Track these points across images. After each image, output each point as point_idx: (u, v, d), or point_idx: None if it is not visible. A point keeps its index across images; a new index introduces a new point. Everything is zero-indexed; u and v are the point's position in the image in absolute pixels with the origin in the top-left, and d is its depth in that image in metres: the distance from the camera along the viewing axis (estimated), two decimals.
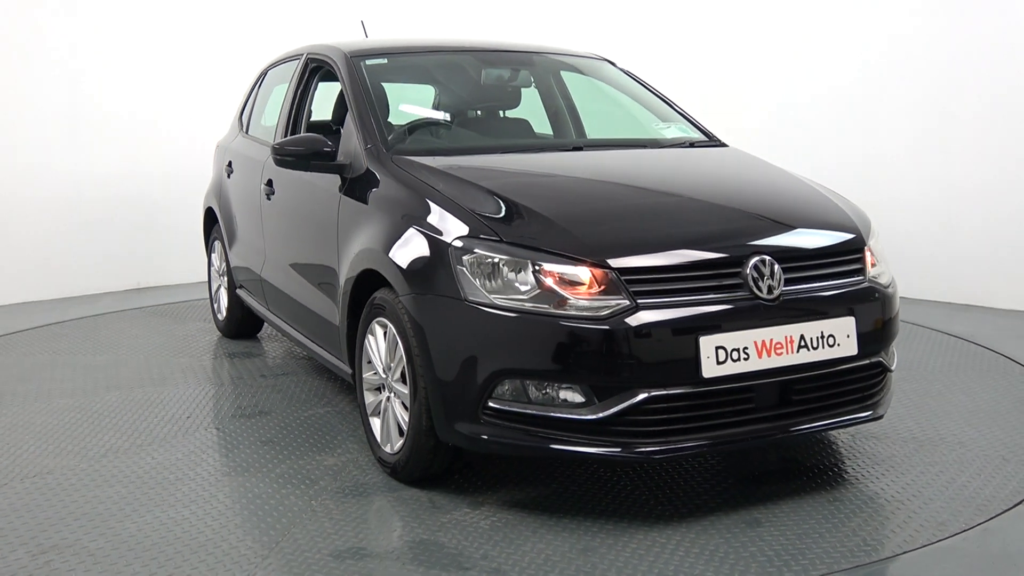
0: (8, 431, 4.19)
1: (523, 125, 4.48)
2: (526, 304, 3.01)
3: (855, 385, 3.31)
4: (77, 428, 4.21)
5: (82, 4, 7.38)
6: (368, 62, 4.37)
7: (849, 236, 3.42)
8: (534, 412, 3.04)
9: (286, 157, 3.95)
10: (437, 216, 3.31)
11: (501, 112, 4.60)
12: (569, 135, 4.74)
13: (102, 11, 7.47)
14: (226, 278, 5.77)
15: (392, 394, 3.48)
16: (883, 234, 6.86)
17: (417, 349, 3.23)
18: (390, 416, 3.50)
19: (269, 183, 4.77)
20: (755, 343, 3.04)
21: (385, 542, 3.02)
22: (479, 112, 4.55)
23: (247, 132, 5.63)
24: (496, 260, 3.07)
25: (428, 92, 4.67)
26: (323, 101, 4.89)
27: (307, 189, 4.29)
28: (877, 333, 3.34)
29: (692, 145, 4.30)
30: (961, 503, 3.24)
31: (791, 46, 7.54)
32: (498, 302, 3.03)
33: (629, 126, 4.59)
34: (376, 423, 3.62)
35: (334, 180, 3.98)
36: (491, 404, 3.07)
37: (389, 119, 4.13)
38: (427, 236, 3.28)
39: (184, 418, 4.33)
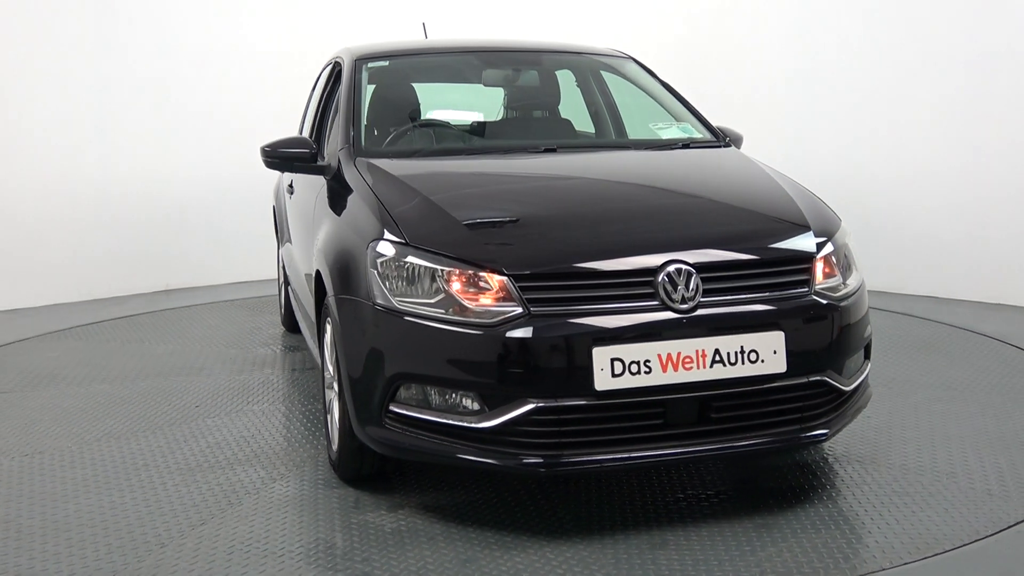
0: (37, 411, 4.53)
1: (524, 125, 4.41)
2: (425, 309, 2.99)
3: (789, 405, 3.07)
4: (93, 412, 4.49)
5: (111, 7, 7.41)
6: (370, 65, 4.43)
7: (793, 247, 3.19)
8: (433, 418, 3.01)
9: (271, 159, 4.06)
10: (363, 218, 3.34)
11: (502, 113, 4.56)
12: (608, 134, 4.62)
13: (131, 12, 7.51)
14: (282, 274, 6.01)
15: (334, 393, 3.53)
16: (912, 233, 6.95)
17: (339, 350, 3.27)
18: (333, 414, 3.55)
19: (291, 184, 4.92)
20: (659, 356, 2.89)
21: (283, 538, 3.07)
22: (480, 113, 4.52)
23: (300, 133, 5.82)
24: (404, 264, 3.06)
25: (442, 93, 4.68)
26: None
27: (305, 190, 4.41)
28: (820, 350, 3.10)
29: (687, 146, 4.11)
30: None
31: (823, 45, 7.36)
32: (400, 306, 3.03)
33: (626, 126, 4.43)
34: (329, 420, 3.69)
35: (320, 181, 4.07)
36: (392, 408, 3.06)
37: (377, 121, 4.17)
38: (353, 238, 3.32)
39: (191, 407, 4.54)
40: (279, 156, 4.04)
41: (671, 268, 2.97)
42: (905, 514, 3.15)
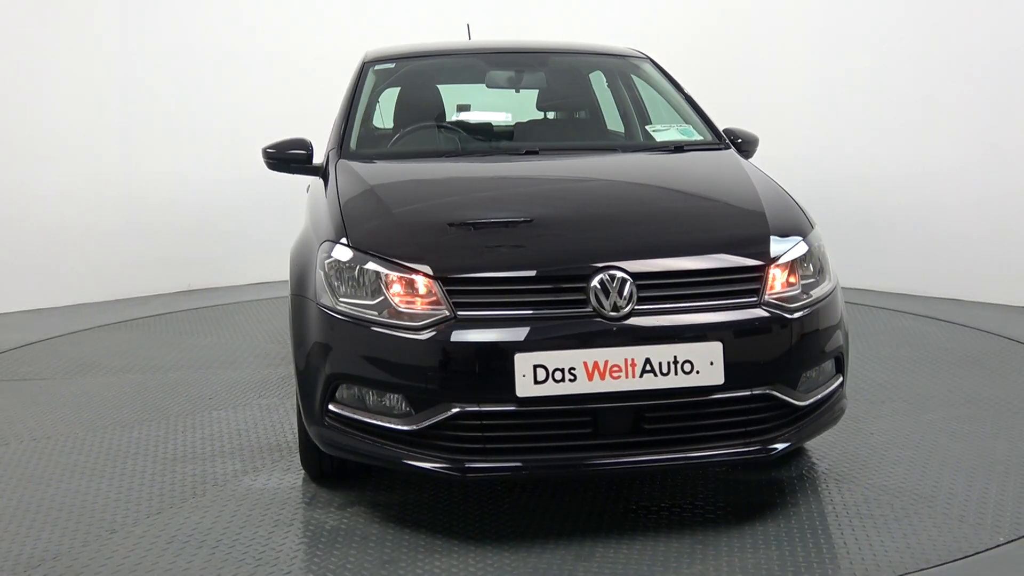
0: (65, 397, 4.78)
1: (528, 128, 4.38)
2: (362, 311, 3.02)
3: (732, 418, 2.96)
4: (114, 401, 4.71)
5: (135, 9, 7.50)
6: (377, 67, 4.49)
7: (742, 256, 3.07)
8: (366, 419, 3.04)
9: (270, 159, 4.15)
10: (322, 219, 3.40)
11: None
12: (636, 136, 4.55)
13: (155, 16, 7.59)
14: None
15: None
16: (934, 233, 6.80)
17: (292, 347, 3.33)
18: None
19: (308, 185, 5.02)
20: (585, 364, 2.83)
21: (225, 531, 3.16)
22: (479, 115, 4.52)
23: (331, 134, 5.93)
24: (346, 265, 3.10)
25: (455, 95, 4.70)
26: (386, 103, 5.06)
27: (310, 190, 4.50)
28: (765, 362, 2.98)
29: (679, 149, 4.00)
30: None
31: (845, 43, 7.28)
32: (340, 307, 3.07)
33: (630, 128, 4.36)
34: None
35: (317, 181, 4.15)
36: (331, 408, 3.10)
37: (376, 122, 4.23)
38: (311, 238, 3.39)
39: (205, 398, 4.70)
40: (276, 157, 4.13)
41: (605, 275, 2.91)
42: (858, 537, 3.01)
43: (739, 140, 4.19)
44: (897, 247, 7.02)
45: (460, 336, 2.86)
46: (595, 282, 2.90)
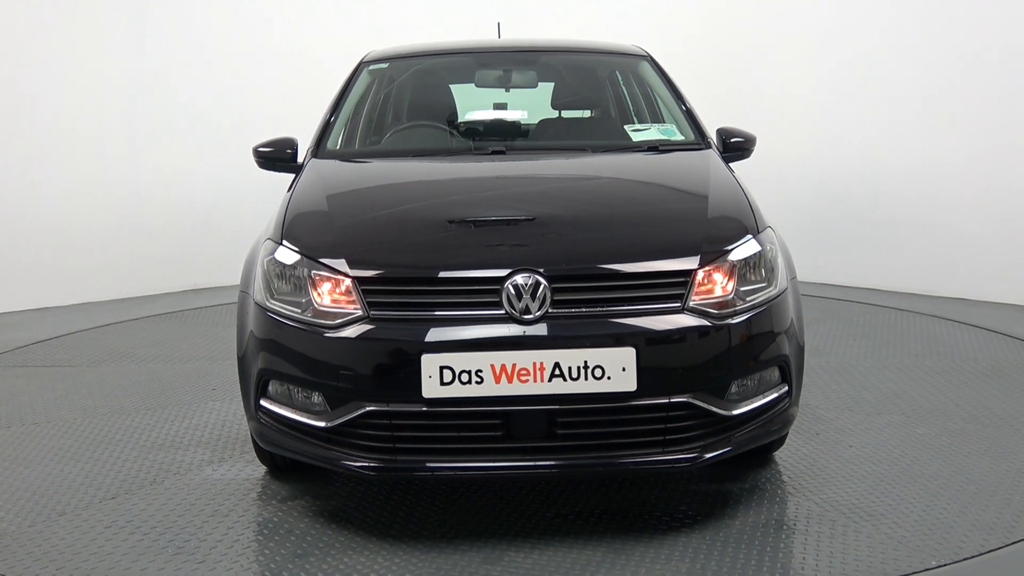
0: (83, 384, 5.04)
1: (501, 126, 4.39)
2: (288, 308, 3.09)
3: (648, 426, 2.91)
4: (125, 388, 4.94)
5: (140, 11, 7.53)
6: (372, 67, 4.55)
7: (667, 260, 3.02)
8: (289, 415, 3.11)
9: (259, 158, 4.25)
10: (273, 217, 3.46)
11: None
12: (617, 136, 4.50)
13: (160, 16, 7.61)
14: None
15: None
16: (941, 231, 6.71)
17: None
18: None
19: None
20: (492, 366, 2.83)
21: (161, 520, 3.29)
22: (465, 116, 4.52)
23: None
24: (279, 263, 3.19)
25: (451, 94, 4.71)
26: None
27: None
28: (684, 369, 2.92)
29: (654, 149, 3.93)
30: None
31: (851, 37, 7.19)
32: (270, 304, 3.15)
33: (599, 128, 4.30)
34: None
35: None
36: (262, 403, 3.18)
37: (362, 122, 4.29)
38: (262, 236, 3.45)
39: (209, 389, 4.85)
40: (265, 156, 4.22)
41: (518, 278, 2.90)
42: (777, 554, 2.94)
43: (733, 139, 4.09)
44: (903, 244, 6.93)
45: (370, 335, 2.91)
46: (508, 284, 2.90)
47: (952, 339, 5.58)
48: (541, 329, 2.87)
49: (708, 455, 2.98)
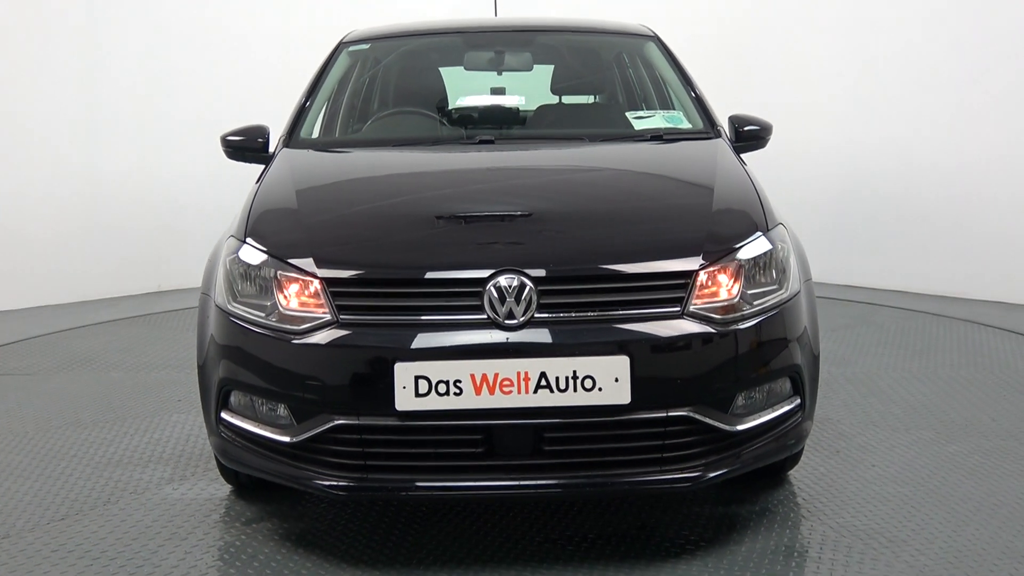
0: (38, 395, 4.99)
1: (494, 113, 4.36)
2: (251, 312, 3.03)
3: (643, 443, 2.87)
4: (83, 399, 4.89)
5: (100, 5, 7.55)
6: (352, 48, 4.52)
7: (666, 261, 2.94)
8: (253, 429, 3.05)
9: (227, 147, 4.20)
10: (237, 212, 3.44)
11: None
12: (618, 124, 4.47)
13: (121, 10, 7.64)
14: None
15: None
16: (977, 231, 6.72)
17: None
18: None
19: None
20: (472, 376, 2.78)
21: (112, 544, 3.21)
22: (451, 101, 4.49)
23: None
24: (242, 262, 3.13)
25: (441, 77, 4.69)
26: None
27: None
28: (684, 380, 2.87)
29: (658, 138, 3.89)
30: None
31: (881, 28, 7.26)
32: (231, 308, 3.09)
33: (601, 115, 4.27)
34: None
35: None
36: (223, 416, 3.13)
37: (340, 108, 4.27)
38: (224, 235, 3.43)
39: (175, 400, 4.83)
40: (233, 145, 4.18)
41: (502, 281, 2.84)
42: None
43: (747, 128, 4.04)
44: (937, 244, 6.93)
45: (339, 342, 2.85)
46: (491, 287, 2.84)
47: (990, 347, 5.51)
48: (526, 335, 2.79)
49: (712, 474, 2.92)
